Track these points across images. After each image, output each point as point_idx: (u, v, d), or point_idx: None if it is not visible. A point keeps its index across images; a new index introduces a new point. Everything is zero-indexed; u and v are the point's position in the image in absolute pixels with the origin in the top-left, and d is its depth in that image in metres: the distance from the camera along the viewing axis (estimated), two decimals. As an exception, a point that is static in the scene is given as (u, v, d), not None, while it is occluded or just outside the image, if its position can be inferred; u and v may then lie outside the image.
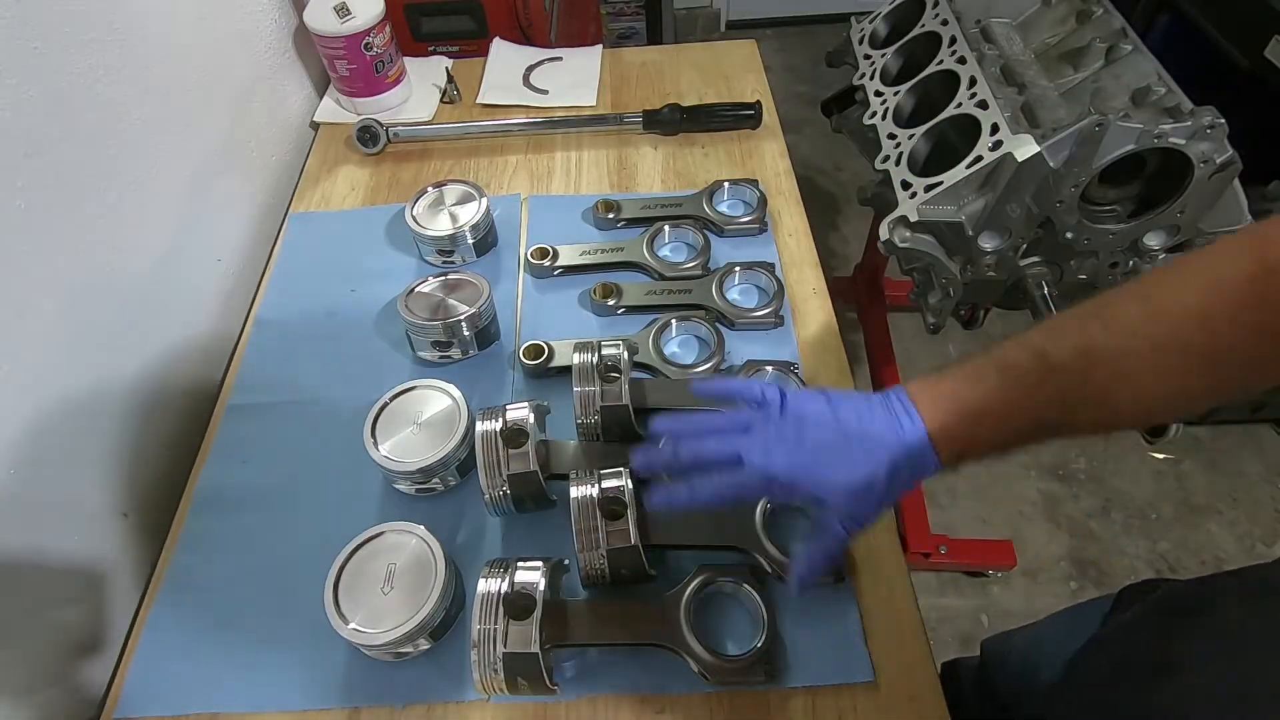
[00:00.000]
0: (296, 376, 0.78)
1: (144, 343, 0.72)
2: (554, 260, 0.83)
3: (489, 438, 0.62)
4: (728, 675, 0.56)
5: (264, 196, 0.94)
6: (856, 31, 1.14)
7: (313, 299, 0.84)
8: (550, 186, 0.95)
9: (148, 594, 0.66)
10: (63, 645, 0.60)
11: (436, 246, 0.83)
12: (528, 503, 0.63)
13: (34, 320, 0.59)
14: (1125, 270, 0.94)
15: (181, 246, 0.78)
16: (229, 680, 0.60)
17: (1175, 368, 0.44)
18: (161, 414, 0.73)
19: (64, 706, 0.60)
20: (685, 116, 0.98)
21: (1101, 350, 0.45)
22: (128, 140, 0.70)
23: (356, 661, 0.60)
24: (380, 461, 0.65)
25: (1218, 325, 0.43)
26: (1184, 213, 0.85)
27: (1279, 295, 0.42)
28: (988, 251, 0.91)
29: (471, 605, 0.55)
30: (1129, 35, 0.91)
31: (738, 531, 0.62)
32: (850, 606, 0.61)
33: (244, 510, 0.69)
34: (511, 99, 1.05)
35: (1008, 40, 0.95)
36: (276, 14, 0.97)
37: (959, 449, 0.47)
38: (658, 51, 1.13)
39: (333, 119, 1.03)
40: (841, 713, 0.57)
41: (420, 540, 0.61)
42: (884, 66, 1.04)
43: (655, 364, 0.74)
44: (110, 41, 0.67)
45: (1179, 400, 0.46)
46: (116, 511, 0.66)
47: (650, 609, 0.59)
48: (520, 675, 0.53)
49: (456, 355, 0.75)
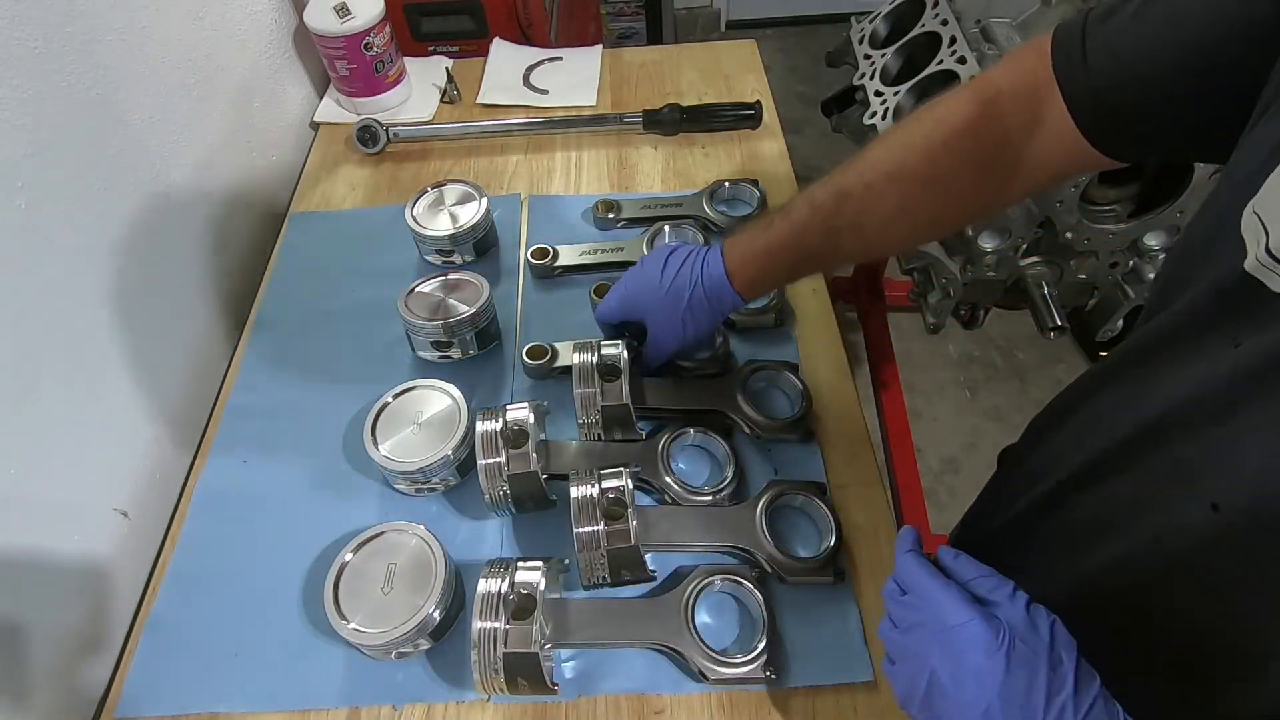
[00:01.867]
0: (296, 376, 0.78)
1: (145, 342, 0.72)
2: (554, 260, 0.83)
3: (489, 438, 0.62)
4: (728, 675, 0.56)
5: (264, 196, 0.94)
6: (856, 31, 1.14)
7: (312, 299, 0.84)
8: (550, 186, 0.95)
9: (148, 594, 0.66)
10: (63, 645, 0.60)
11: (436, 246, 0.83)
12: (528, 503, 0.63)
13: (34, 321, 0.59)
14: (1125, 270, 0.94)
15: (182, 246, 0.78)
16: (229, 680, 0.60)
17: (905, 195, 0.53)
18: (162, 413, 0.73)
19: (64, 706, 0.60)
20: (685, 116, 0.98)
21: (851, 186, 0.55)
22: (128, 140, 0.70)
23: (356, 661, 0.60)
24: (380, 461, 0.65)
25: (937, 154, 0.52)
26: (1184, 213, 0.85)
27: (988, 128, 0.50)
28: (988, 251, 0.91)
29: (471, 605, 0.55)
30: (1129, 35, 0.91)
31: (738, 532, 0.62)
32: (850, 606, 0.61)
33: (244, 510, 0.69)
34: (511, 99, 1.05)
35: (1008, 40, 0.95)
36: (276, 14, 0.97)
37: (752, 279, 0.61)
38: (658, 51, 1.13)
39: (333, 119, 1.03)
40: (841, 713, 0.57)
41: (420, 540, 0.61)
42: (884, 66, 1.04)
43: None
44: (110, 41, 0.67)
45: (910, 228, 0.56)
46: (116, 511, 0.66)
47: (650, 609, 0.59)
48: (520, 675, 0.53)
49: (456, 355, 0.75)
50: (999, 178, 0.51)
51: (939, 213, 0.55)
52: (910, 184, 0.53)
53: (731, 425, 0.69)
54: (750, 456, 0.69)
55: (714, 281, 0.61)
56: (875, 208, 0.54)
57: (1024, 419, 0.60)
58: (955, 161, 0.51)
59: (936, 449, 1.75)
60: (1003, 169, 0.51)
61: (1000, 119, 0.49)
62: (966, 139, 0.51)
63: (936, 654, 0.39)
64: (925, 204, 0.54)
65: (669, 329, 0.65)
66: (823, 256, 0.59)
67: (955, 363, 1.90)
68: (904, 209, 0.54)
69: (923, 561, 0.44)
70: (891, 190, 0.54)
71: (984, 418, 1.80)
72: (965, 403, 1.84)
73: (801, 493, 0.64)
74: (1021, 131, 0.49)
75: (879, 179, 0.54)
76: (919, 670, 0.40)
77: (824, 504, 0.63)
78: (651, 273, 0.64)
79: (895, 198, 0.54)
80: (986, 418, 1.80)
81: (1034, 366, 1.87)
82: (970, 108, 0.50)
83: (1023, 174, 0.50)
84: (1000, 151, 0.50)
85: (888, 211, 0.54)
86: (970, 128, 0.50)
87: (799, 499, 0.64)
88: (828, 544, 0.61)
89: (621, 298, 0.67)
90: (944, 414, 1.81)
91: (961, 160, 0.51)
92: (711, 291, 0.62)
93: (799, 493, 0.64)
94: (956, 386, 1.87)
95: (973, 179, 0.52)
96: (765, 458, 0.69)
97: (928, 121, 0.53)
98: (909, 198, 0.54)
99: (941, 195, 0.53)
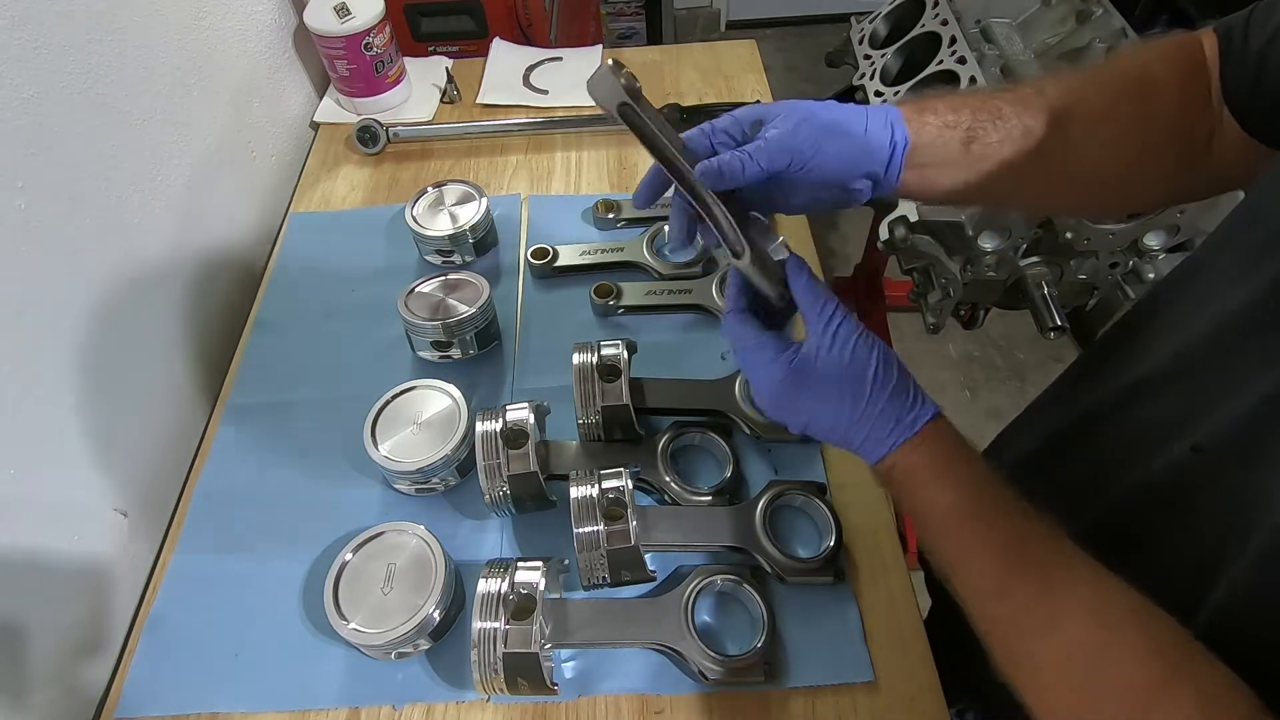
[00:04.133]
0: (296, 376, 0.78)
1: (145, 341, 0.72)
2: (554, 260, 0.83)
3: (489, 438, 0.62)
4: (728, 675, 0.56)
5: (264, 196, 0.94)
6: (856, 31, 1.14)
7: (313, 299, 0.84)
8: (550, 186, 0.95)
9: (148, 594, 0.66)
10: (63, 645, 0.60)
11: (436, 246, 0.83)
12: (528, 503, 0.63)
13: (33, 320, 0.59)
14: (1125, 270, 0.94)
15: (181, 246, 0.78)
16: (228, 680, 0.60)
17: (1115, 90, 0.50)
18: (162, 413, 0.73)
19: (64, 706, 0.60)
20: (685, 116, 0.98)
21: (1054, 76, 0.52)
22: (127, 140, 0.70)
23: (356, 661, 0.60)
24: (380, 461, 0.65)
25: (1150, 63, 0.49)
26: (1184, 213, 0.85)
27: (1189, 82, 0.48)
28: (988, 251, 0.91)
29: (471, 605, 0.55)
30: (1129, 35, 0.91)
31: (738, 532, 0.62)
32: (850, 607, 0.61)
33: (244, 510, 0.69)
34: (511, 99, 1.05)
35: (1008, 40, 0.95)
36: (276, 14, 0.97)
37: (923, 121, 0.50)
38: (658, 51, 1.13)
39: (333, 119, 1.03)
40: (841, 713, 0.57)
41: (420, 540, 0.61)
42: (884, 66, 1.04)
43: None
44: (110, 41, 0.67)
45: (1114, 140, 0.50)
46: (116, 511, 0.66)
47: (650, 609, 0.59)
48: (520, 675, 0.53)
49: (456, 355, 0.75)
50: (1200, 127, 0.49)
51: (1143, 129, 0.50)
52: (1120, 82, 0.50)
53: (731, 425, 0.69)
54: (750, 456, 0.69)
55: (880, 113, 0.50)
56: (1082, 94, 0.50)
57: (1024, 419, 0.60)
58: (1166, 76, 0.49)
59: (936, 449, 1.75)
60: (1202, 126, 0.48)
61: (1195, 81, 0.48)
62: (1175, 59, 0.49)
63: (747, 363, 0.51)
64: (1134, 113, 0.50)
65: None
66: (1007, 135, 0.50)
67: (955, 363, 1.90)
68: (1111, 113, 0.50)
69: (746, 318, 0.51)
70: (1100, 83, 0.51)
71: (984, 418, 1.80)
72: (965, 403, 1.84)
73: (801, 493, 0.64)
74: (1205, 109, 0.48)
75: (1089, 72, 0.52)
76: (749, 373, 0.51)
77: (824, 504, 0.63)
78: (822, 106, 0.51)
79: (1103, 88, 0.50)
80: (986, 418, 1.80)
81: (1034, 366, 1.87)
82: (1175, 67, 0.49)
83: (1210, 156, 0.49)
84: (1203, 105, 0.48)
85: (1094, 103, 0.50)
86: (1177, 55, 0.49)
87: (799, 499, 0.64)
88: (828, 544, 0.61)
89: None
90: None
91: (1170, 75, 0.49)
92: (874, 117, 0.50)
93: (799, 493, 0.64)
94: (956, 386, 1.87)
95: (1178, 106, 0.49)
96: (765, 458, 0.69)
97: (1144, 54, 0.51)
98: (1119, 98, 0.50)
99: (1149, 114, 0.50)
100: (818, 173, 0.49)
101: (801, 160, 0.48)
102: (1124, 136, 0.50)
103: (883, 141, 0.49)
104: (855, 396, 0.46)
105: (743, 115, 0.51)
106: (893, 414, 0.45)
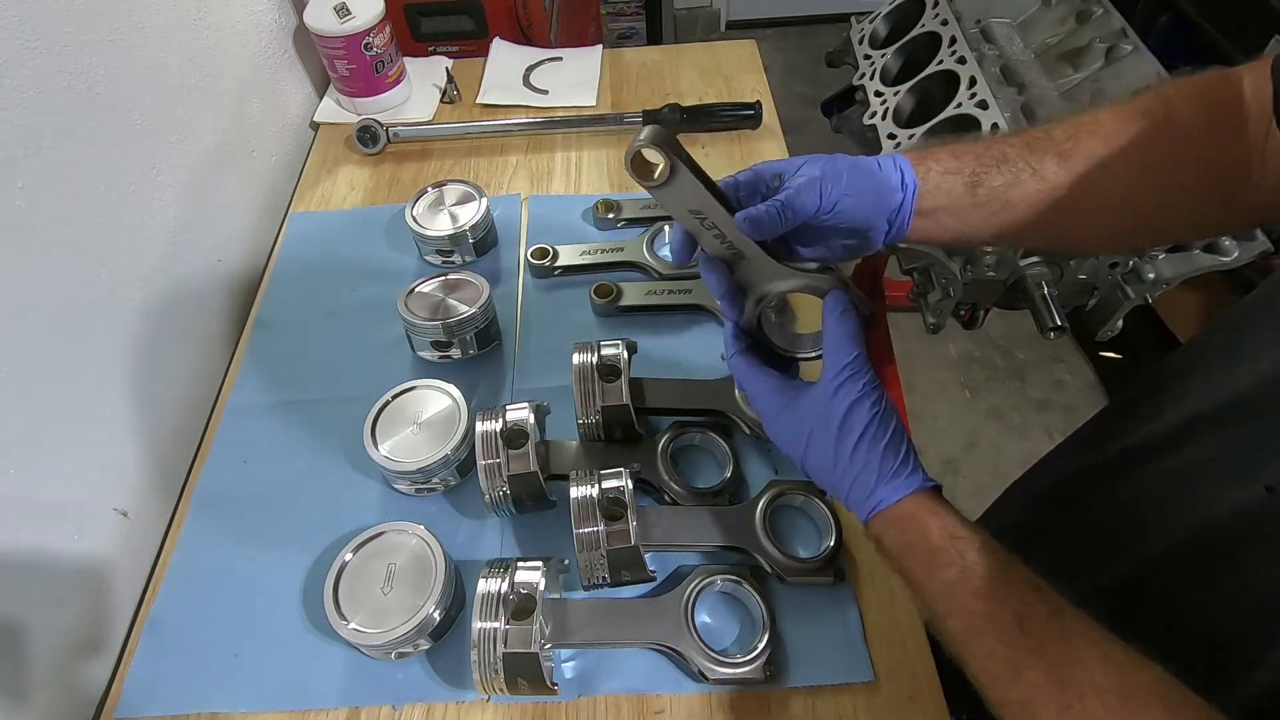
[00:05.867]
0: (296, 376, 0.78)
1: (144, 341, 0.72)
2: (554, 260, 0.83)
3: (489, 438, 0.62)
4: (727, 675, 0.56)
5: (264, 196, 0.94)
6: (856, 31, 1.14)
7: (313, 299, 0.84)
8: (550, 186, 0.95)
9: (147, 594, 0.66)
10: (63, 645, 0.60)
11: (436, 246, 0.83)
12: (528, 503, 0.63)
13: (34, 321, 0.59)
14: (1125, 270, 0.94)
15: (182, 246, 0.78)
16: (228, 680, 0.60)
17: (1129, 130, 0.49)
18: (162, 413, 0.73)
19: (64, 707, 0.60)
20: (685, 116, 0.98)
21: (1065, 115, 0.52)
22: (127, 140, 0.70)
23: (356, 661, 0.60)
24: (380, 461, 0.65)
25: (1170, 99, 0.49)
26: (1184, 213, 0.85)
27: (1224, 105, 0.47)
28: (988, 251, 0.91)
29: (471, 605, 0.55)
30: (1129, 35, 0.91)
31: (738, 532, 0.62)
32: (850, 607, 0.61)
33: (244, 510, 0.69)
34: (511, 99, 1.05)
35: (1008, 40, 0.95)
36: (276, 14, 0.97)
37: (929, 167, 0.51)
38: (658, 51, 1.13)
39: (333, 119, 1.03)
40: (841, 713, 0.57)
41: (420, 540, 0.61)
42: (884, 66, 1.04)
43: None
44: (110, 41, 0.67)
45: (1125, 176, 0.50)
46: (116, 511, 0.66)
47: (650, 609, 0.59)
48: (520, 675, 0.53)
49: (456, 355, 0.75)
50: (1233, 164, 0.47)
51: (1164, 165, 0.49)
52: (1136, 119, 0.48)
53: (731, 425, 0.69)
54: (750, 456, 0.69)
55: (888, 158, 0.51)
56: (1093, 130, 0.49)
57: (1024, 419, 0.60)
58: (1190, 113, 0.47)
59: (937, 449, 1.75)
60: (1235, 163, 0.47)
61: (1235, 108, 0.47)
62: (1204, 96, 0.48)
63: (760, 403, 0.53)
64: (1151, 149, 0.48)
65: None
66: (1013, 178, 0.50)
67: (955, 363, 1.90)
68: (1126, 150, 0.48)
69: (750, 360, 0.54)
70: (1114, 120, 0.49)
71: (984, 418, 1.80)
72: (965, 403, 1.84)
73: (801, 493, 0.64)
74: (1256, 129, 0.46)
75: (1103, 111, 0.49)
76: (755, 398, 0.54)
77: (824, 504, 0.63)
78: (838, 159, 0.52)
79: (1117, 125, 0.49)
80: (986, 418, 1.80)
81: (1034, 366, 1.87)
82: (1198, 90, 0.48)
83: (1254, 183, 0.47)
84: (1234, 141, 0.47)
85: (1105, 140, 0.49)
86: (1206, 91, 0.48)
87: (799, 499, 0.64)
88: (828, 544, 0.61)
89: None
90: (944, 414, 1.81)
91: (1196, 112, 0.47)
92: (884, 161, 0.51)
93: (799, 493, 0.64)
94: (956, 386, 1.87)
95: (1205, 142, 0.48)
96: (765, 458, 0.69)
97: (1153, 91, 0.50)
98: (1135, 135, 0.48)
99: (1170, 150, 0.48)
100: (845, 214, 0.49)
101: (831, 202, 0.49)
102: (1140, 174, 0.49)
103: (895, 183, 0.50)
104: (841, 440, 0.47)
105: (763, 169, 0.52)
106: (876, 468, 0.46)
